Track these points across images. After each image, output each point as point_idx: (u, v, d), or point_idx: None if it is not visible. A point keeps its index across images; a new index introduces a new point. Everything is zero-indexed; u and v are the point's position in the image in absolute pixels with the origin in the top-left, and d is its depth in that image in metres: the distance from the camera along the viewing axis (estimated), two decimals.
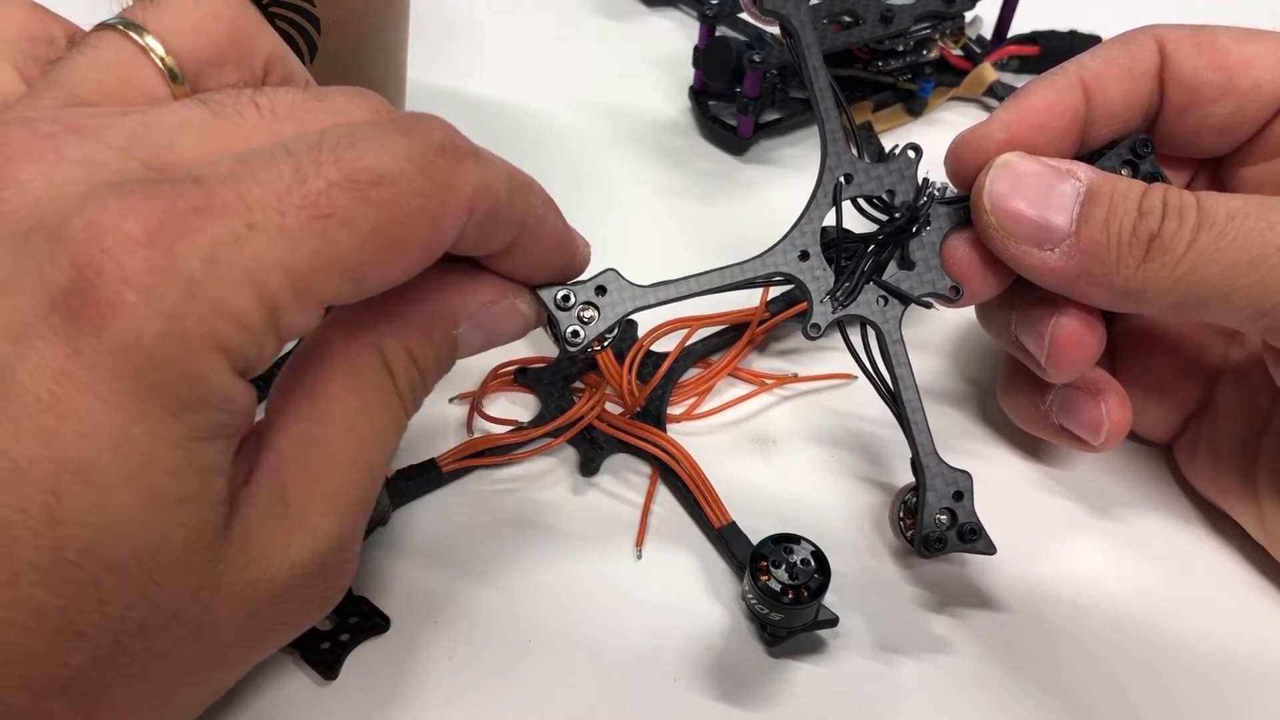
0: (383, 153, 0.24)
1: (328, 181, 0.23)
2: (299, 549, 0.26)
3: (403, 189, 0.24)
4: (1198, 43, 0.36)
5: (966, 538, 0.35)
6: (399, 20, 0.46)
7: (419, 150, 0.25)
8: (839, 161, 0.36)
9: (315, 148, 0.24)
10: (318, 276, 0.23)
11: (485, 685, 0.36)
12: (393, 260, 0.25)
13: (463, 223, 0.26)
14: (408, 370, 0.28)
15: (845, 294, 0.35)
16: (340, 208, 0.23)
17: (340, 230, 0.23)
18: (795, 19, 0.36)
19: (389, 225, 0.24)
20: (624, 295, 0.34)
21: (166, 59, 0.29)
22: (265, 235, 0.22)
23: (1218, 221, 0.32)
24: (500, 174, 0.27)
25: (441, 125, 0.26)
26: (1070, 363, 0.35)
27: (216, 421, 0.23)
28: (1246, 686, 0.37)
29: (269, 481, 0.26)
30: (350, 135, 0.24)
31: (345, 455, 0.27)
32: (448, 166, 0.25)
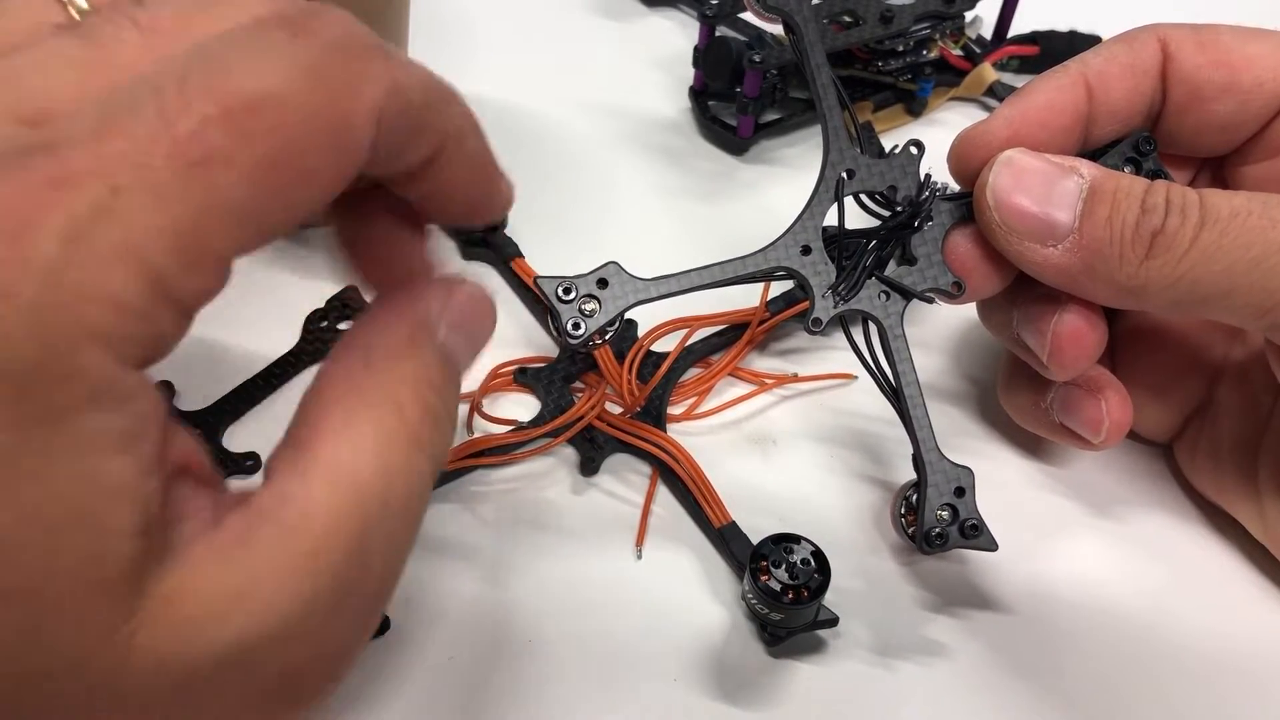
0: (264, 68, 0.20)
1: (200, 117, 0.20)
2: (245, 620, 0.21)
3: (293, 106, 0.20)
4: (1200, 41, 0.36)
5: (968, 534, 0.35)
6: (399, 20, 0.46)
7: (313, 54, 0.21)
8: (841, 157, 0.36)
9: (181, 79, 0.20)
10: (206, 231, 0.20)
11: (485, 685, 0.36)
12: (295, 191, 0.21)
13: (372, 132, 0.22)
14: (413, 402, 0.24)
15: (847, 289, 0.35)
16: (217, 147, 0.20)
17: (222, 173, 0.20)
18: (798, 16, 0.36)
19: (280, 153, 0.20)
20: (626, 288, 0.34)
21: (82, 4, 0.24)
22: (133, 198, 0.19)
23: (1221, 218, 0.32)
24: (413, 73, 0.23)
25: (340, 19, 0.22)
26: (1072, 360, 0.35)
27: (109, 427, 0.19)
28: (1247, 686, 0.37)
29: (225, 540, 0.22)
30: (224, 54, 0.20)
31: (330, 511, 0.22)
32: (348, 67, 0.21)
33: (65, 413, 0.19)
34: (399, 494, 0.24)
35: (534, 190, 0.49)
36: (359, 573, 0.23)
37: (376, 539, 0.23)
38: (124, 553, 0.20)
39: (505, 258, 0.47)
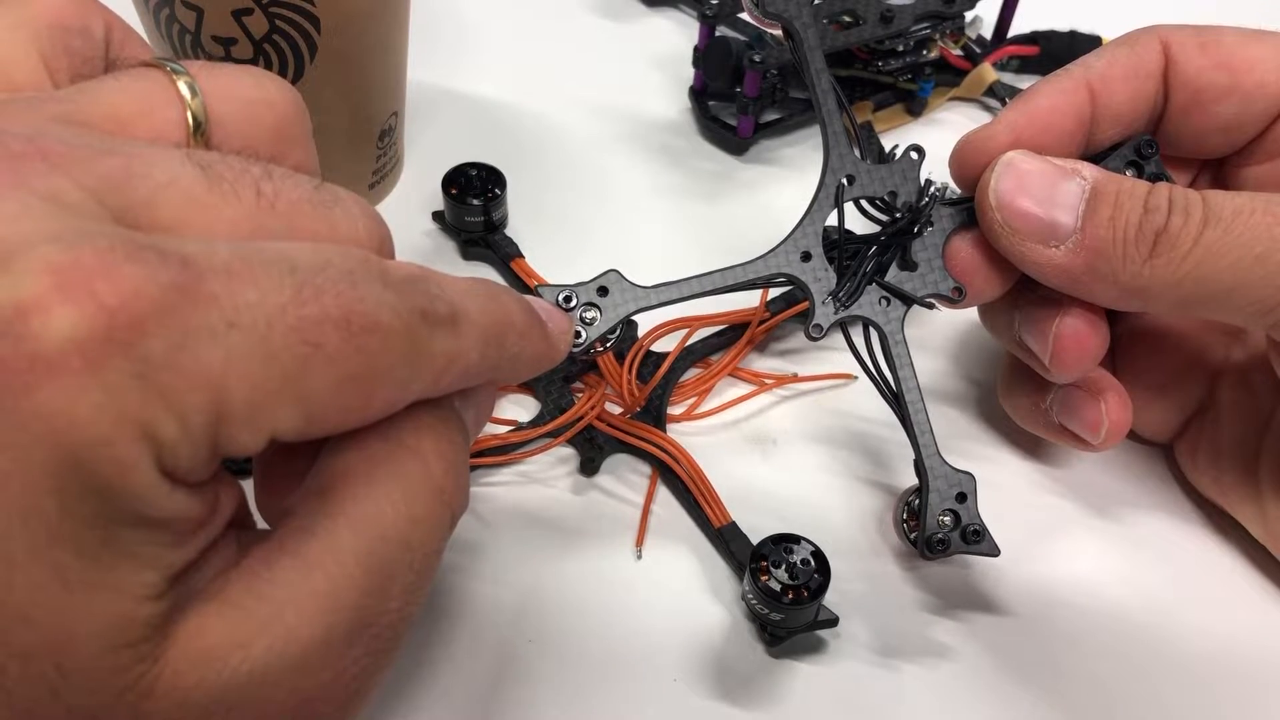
0: (378, 302, 0.22)
1: (324, 312, 0.21)
2: (263, 652, 0.22)
3: (388, 344, 0.22)
4: (1202, 43, 0.36)
5: (970, 539, 0.35)
6: (399, 20, 0.46)
7: (405, 309, 0.23)
8: (841, 163, 0.36)
9: (320, 272, 0.22)
10: (280, 402, 0.21)
11: (485, 685, 0.36)
12: (354, 409, 0.23)
13: (429, 387, 0.24)
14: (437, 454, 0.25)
15: (847, 295, 0.35)
16: (330, 343, 0.21)
17: (320, 366, 0.21)
18: (797, 21, 0.36)
19: (365, 375, 0.22)
20: (626, 296, 0.34)
21: (196, 109, 0.26)
22: (244, 341, 0.20)
23: (1223, 217, 0.32)
24: (475, 339, 0.25)
25: (427, 287, 0.24)
26: (1074, 362, 0.35)
27: (140, 514, 0.20)
28: (1249, 686, 0.37)
29: (249, 573, 0.23)
30: (354, 273, 0.22)
31: (351, 547, 0.23)
32: (426, 335, 0.23)
33: (108, 491, 0.19)
34: (420, 540, 0.24)
35: (534, 190, 0.49)
36: (377, 611, 0.24)
37: (395, 581, 0.24)
38: (148, 614, 0.21)
39: (505, 258, 0.47)
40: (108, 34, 0.28)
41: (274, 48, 0.41)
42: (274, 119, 0.27)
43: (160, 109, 0.25)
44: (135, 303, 0.19)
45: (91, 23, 0.28)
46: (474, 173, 0.47)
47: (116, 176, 0.22)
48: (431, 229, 0.48)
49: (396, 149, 0.49)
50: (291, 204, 0.24)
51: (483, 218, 0.47)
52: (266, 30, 0.40)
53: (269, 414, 0.21)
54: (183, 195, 0.23)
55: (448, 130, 0.53)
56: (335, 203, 0.25)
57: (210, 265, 0.20)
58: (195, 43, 0.41)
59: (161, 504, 0.20)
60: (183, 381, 0.20)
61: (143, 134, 0.25)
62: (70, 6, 0.28)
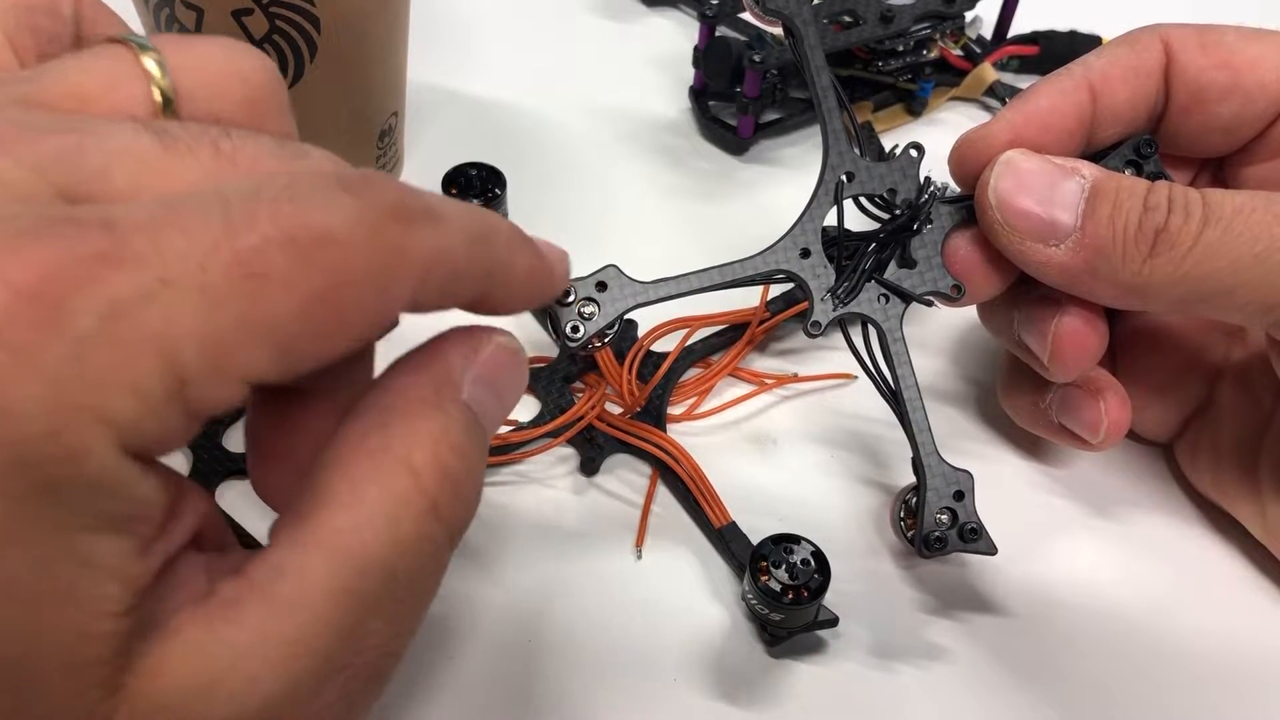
0: (329, 210, 0.21)
1: (264, 237, 0.20)
2: (225, 701, 0.21)
3: (349, 253, 0.21)
4: (1203, 42, 0.36)
5: (967, 538, 0.35)
6: (399, 20, 0.46)
7: (369, 212, 0.21)
8: (841, 160, 0.36)
9: (252, 197, 0.20)
10: (241, 346, 0.20)
11: (485, 685, 0.36)
12: (331, 333, 0.21)
13: (413, 291, 0.22)
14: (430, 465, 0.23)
15: (846, 292, 0.35)
16: (276, 268, 0.20)
17: (274, 294, 0.20)
18: (798, 19, 0.36)
19: (331, 292, 0.20)
20: (625, 291, 0.34)
21: (165, 86, 0.24)
22: (181, 293, 0.19)
23: (1224, 216, 0.32)
24: (457, 231, 0.23)
25: (393, 184, 0.23)
26: (1073, 361, 0.35)
27: (105, 511, 0.19)
28: (1249, 686, 0.37)
29: (216, 613, 0.21)
30: (292, 187, 0.21)
31: (324, 586, 0.21)
32: (399, 231, 0.22)
33: (61, 489, 0.18)
34: (408, 566, 0.23)
35: (534, 190, 0.49)
36: (352, 651, 0.22)
37: (376, 616, 0.22)
38: (109, 631, 0.19)
39: None
40: (77, 10, 0.27)
41: (274, 48, 0.41)
42: (246, 91, 0.26)
43: (124, 85, 0.24)
44: (53, 280, 0.18)
45: (59, 1, 0.27)
46: (474, 173, 0.47)
47: (65, 152, 0.21)
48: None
49: (396, 149, 0.49)
50: (253, 159, 0.23)
51: None
52: (266, 30, 0.40)
53: (234, 361, 0.20)
54: (136, 161, 0.21)
55: (448, 130, 0.53)
56: (300, 155, 0.24)
57: (133, 223, 0.19)
58: None
59: (127, 489, 0.19)
60: (125, 353, 0.18)
61: (106, 111, 0.24)
62: None
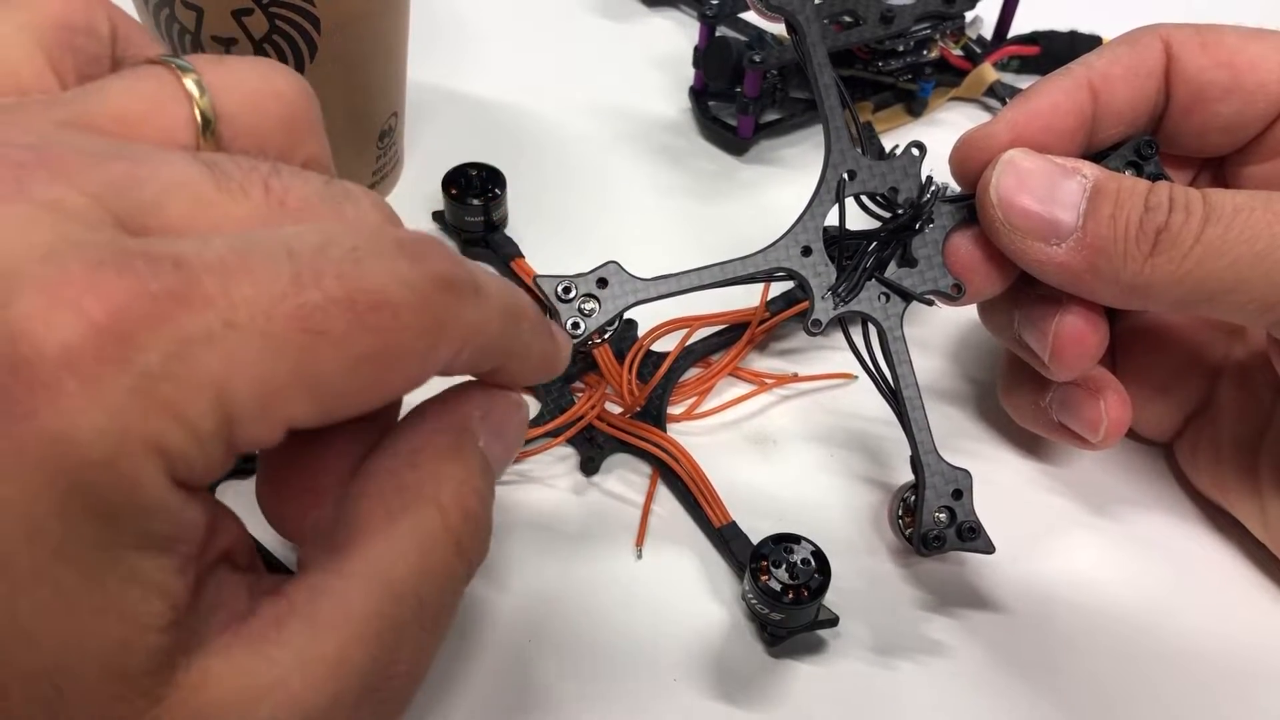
0: (387, 276, 0.22)
1: (327, 295, 0.21)
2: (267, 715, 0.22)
3: (401, 319, 0.22)
4: (1203, 42, 0.36)
5: (965, 536, 0.35)
6: (399, 20, 0.46)
7: (422, 279, 0.22)
8: (843, 158, 0.36)
9: (319, 254, 0.21)
10: (290, 394, 0.21)
11: (485, 685, 0.36)
12: (372, 390, 0.22)
13: (451, 359, 0.24)
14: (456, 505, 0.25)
15: (847, 290, 0.35)
16: (335, 327, 0.21)
17: (328, 350, 0.21)
18: (801, 15, 0.36)
19: (379, 354, 0.22)
20: (625, 288, 0.34)
21: (204, 107, 0.25)
22: (244, 338, 0.20)
23: (1224, 215, 0.32)
24: (496, 309, 0.25)
25: (445, 254, 0.23)
26: (1074, 360, 0.35)
27: (151, 532, 0.20)
28: (1248, 685, 0.37)
29: (258, 632, 0.22)
30: (357, 250, 0.22)
31: (362, 610, 0.23)
32: (447, 302, 0.23)
33: (114, 512, 0.19)
34: (434, 596, 0.24)
35: (534, 190, 0.49)
36: (385, 675, 0.23)
37: (406, 641, 0.24)
38: (151, 645, 0.20)
39: (505, 258, 0.47)
40: (113, 31, 0.28)
41: (274, 48, 0.41)
42: (283, 111, 0.27)
43: (168, 108, 0.25)
44: (126, 315, 0.19)
45: (97, 21, 0.27)
46: (474, 173, 0.47)
47: (121, 181, 0.22)
48: (432, 229, 0.48)
49: (396, 149, 0.49)
50: (302, 200, 0.24)
51: (483, 218, 0.47)
52: (266, 30, 0.40)
53: (280, 407, 0.21)
54: (190, 195, 0.22)
55: (448, 130, 0.53)
56: (346, 197, 0.25)
57: (204, 264, 0.20)
58: (195, 43, 0.41)
59: (173, 516, 0.20)
60: (184, 390, 0.19)
61: (151, 134, 0.24)
62: (75, 5, 0.27)
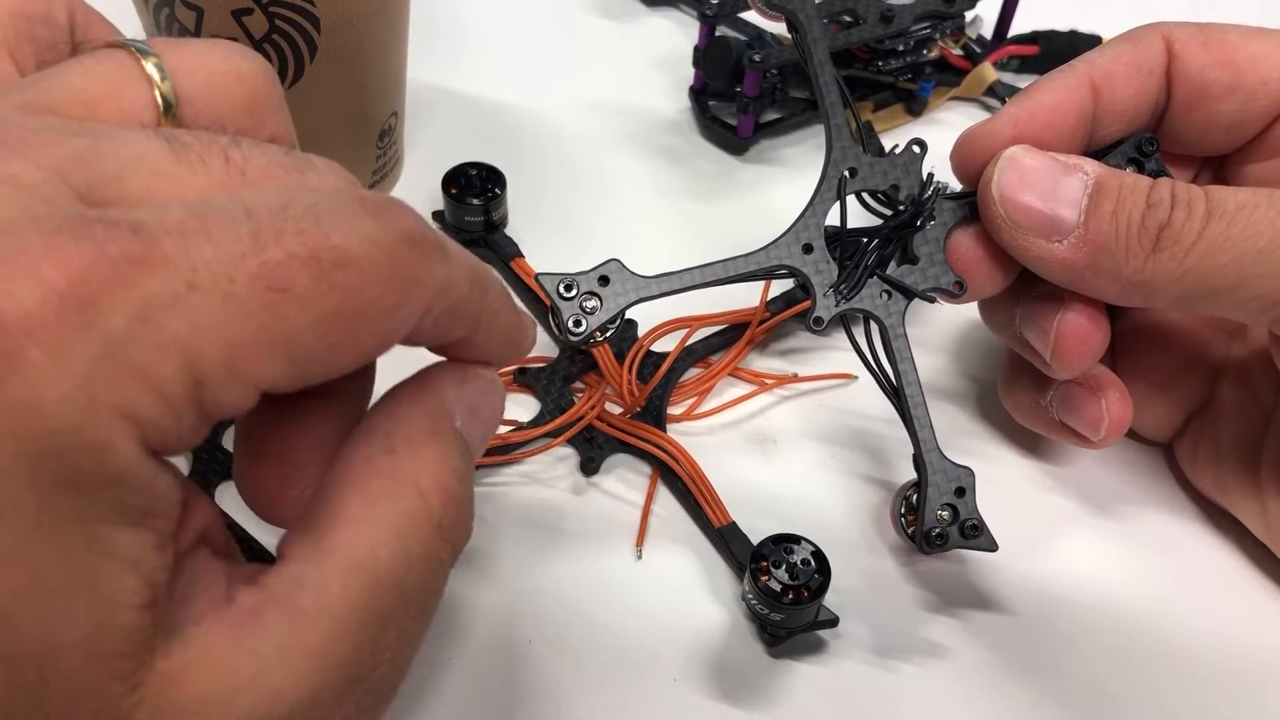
0: (350, 233, 0.21)
1: (288, 253, 0.21)
2: (247, 712, 0.21)
3: (367, 275, 0.22)
4: (1205, 40, 0.36)
5: (968, 534, 0.35)
6: (399, 20, 0.46)
7: (387, 237, 0.22)
8: (844, 155, 0.36)
9: (279, 214, 0.21)
10: (258, 354, 0.20)
11: (485, 685, 0.36)
12: (342, 349, 0.22)
13: (419, 317, 0.23)
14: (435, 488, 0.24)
15: (849, 288, 0.35)
16: (299, 284, 0.21)
17: (294, 308, 0.21)
18: (801, 14, 0.36)
19: (347, 312, 0.21)
20: (627, 285, 0.34)
21: (166, 90, 0.25)
22: (207, 299, 0.20)
23: (1227, 212, 0.32)
24: (463, 270, 0.24)
25: (410, 213, 0.23)
26: (1075, 358, 0.35)
27: (126, 504, 0.20)
28: (1249, 684, 0.37)
29: (236, 623, 0.22)
30: (316, 207, 0.22)
31: (343, 599, 0.22)
32: (414, 259, 0.23)
33: (85, 483, 0.19)
34: (416, 582, 0.24)
35: (534, 190, 0.49)
36: (369, 665, 0.23)
37: (389, 630, 0.23)
38: (129, 624, 0.20)
39: (505, 258, 0.47)
40: (71, 18, 0.28)
41: (274, 48, 0.41)
42: (245, 92, 0.27)
43: (128, 90, 0.25)
44: (87, 281, 0.19)
45: (54, 9, 0.28)
46: (474, 173, 0.47)
47: (81, 156, 0.21)
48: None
49: (396, 149, 0.49)
50: (262, 169, 0.23)
51: (483, 218, 0.47)
52: (266, 30, 0.40)
53: (250, 368, 0.20)
54: (149, 168, 0.22)
55: (448, 130, 0.53)
56: (308, 166, 0.24)
57: (162, 227, 0.20)
58: None
59: (146, 485, 0.20)
60: (151, 353, 0.19)
61: (111, 116, 0.24)
62: None
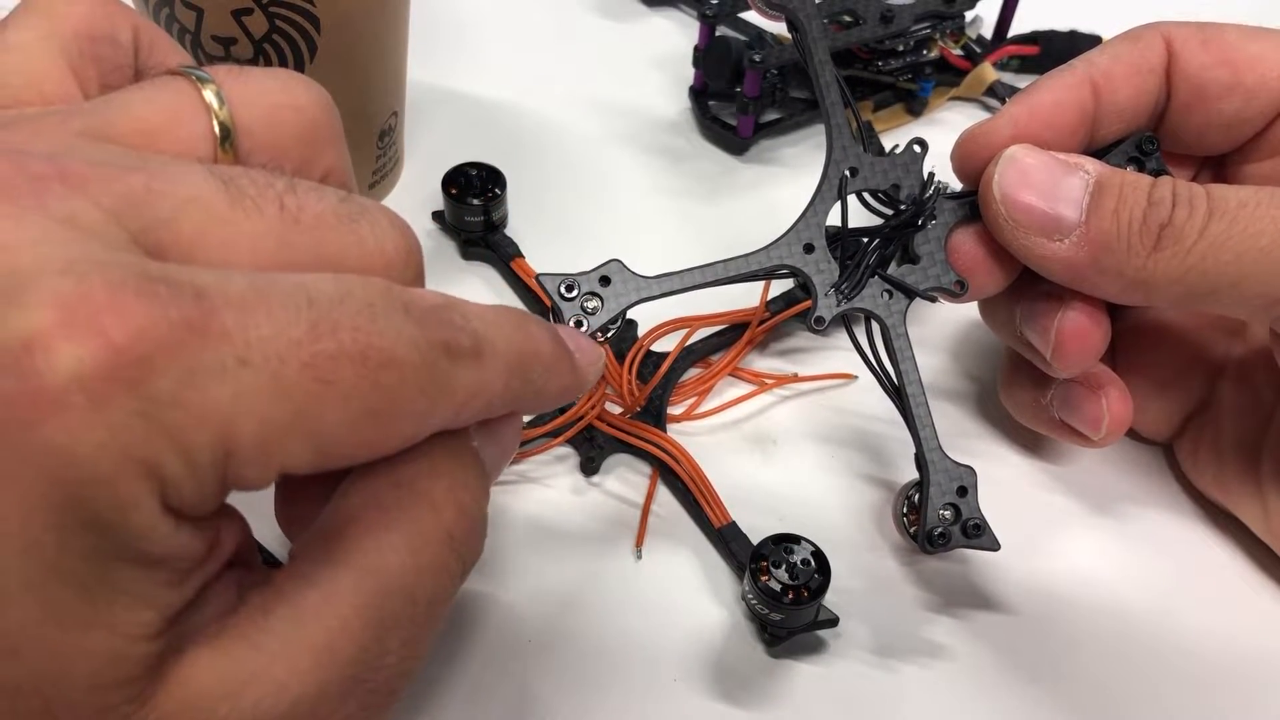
0: (397, 336, 0.22)
1: (340, 348, 0.21)
2: (251, 705, 0.22)
3: (406, 380, 0.22)
4: (1204, 39, 0.36)
5: (970, 533, 0.35)
6: (399, 20, 0.46)
7: (426, 343, 0.22)
8: (844, 155, 0.36)
9: (337, 305, 0.21)
10: (290, 438, 0.21)
11: (485, 685, 0.35)
12: (368, 446, 0.23)
13: (449, 420, 0.24)
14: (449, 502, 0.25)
15: (850, 287, 0.35)
16: (345, 379, 0.21)
17: (335, 402, 0.21)
18: (802, 13, 0.36)
19: (381, 411, 0.22)
20: (628, 286, 0.34)
21: (224, 118, 0.25)
22: (255, 377, 0.20)
23: (1228, 210, 0.32)
24: (500, 369, 0.24)
25: (454, 315, 0.24)
26: (1076, 357, 0.35)
27: (143, 551, 0.20)
28: (1249, 684, 0.37)
29: (245, 620, 0.22)
30: (374, 307, 0.22)
31: (351, 600, 0.23)
32: (448, 368, 0.23)
33: (105, 528, 0.19)
34: (425, 591, 0.24)
35: (534, 190, 0.49)
36: (374, 666, 0.23)
37: (395, 635, 0.23)
38: (142, 654, 0.20)
39: (505, 258, 0.47)
40: (135, 39, 0.28)
41: (274, 47, 0.41)
42: (302, 123, 0.27)
43: (187, 120, 0.25)
44: (144, 340, 0.19)
45: (119, 30, 0.28)
46: (474, 173, 0.47)
47: (137, 194, 0.22)
48: (431, 229, 0.48)
49: (396, 149, 0.49)
50: (316, 217, 0.24)
51: (483, 218, 0.47)
52: (266, 30, 0.40)
53: (279, 450, 0.21)
54: (204, 212, 0.22)
55: (448, 130, 0.53)
56: (362, 215, 0.25)
57: (225, 298, 0.20)
58: (195, 42, 0.41)
59: (163, 541, 0.20)
60: (189, 420, 0.19)
61: (169, 146, 0.25)
62: (98, 14, 0.27)
